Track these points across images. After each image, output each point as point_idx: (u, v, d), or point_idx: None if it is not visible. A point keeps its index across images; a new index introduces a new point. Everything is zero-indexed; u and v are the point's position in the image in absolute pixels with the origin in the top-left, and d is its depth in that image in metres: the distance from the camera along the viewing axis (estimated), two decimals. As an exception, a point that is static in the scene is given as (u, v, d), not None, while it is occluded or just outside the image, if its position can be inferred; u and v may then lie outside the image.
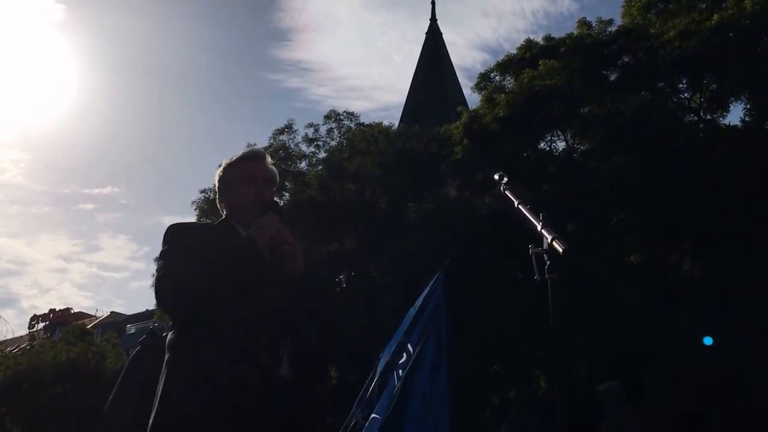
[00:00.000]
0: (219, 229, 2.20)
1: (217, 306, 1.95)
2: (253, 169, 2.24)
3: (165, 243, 2.12)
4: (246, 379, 1.91)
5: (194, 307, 1.97)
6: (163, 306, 2.10)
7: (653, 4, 15.30)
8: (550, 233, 1.81)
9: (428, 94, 34.71)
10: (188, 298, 1.96)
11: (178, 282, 1.99)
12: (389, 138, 18.14)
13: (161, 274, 2.05)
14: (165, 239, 2.13)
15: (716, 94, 14.19)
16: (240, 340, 1.94)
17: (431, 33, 40.32)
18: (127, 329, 40.98)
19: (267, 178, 2.25)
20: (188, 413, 1.89)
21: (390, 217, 16.16)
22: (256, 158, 2.28)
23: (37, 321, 45.20)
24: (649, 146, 12.85)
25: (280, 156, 19.13)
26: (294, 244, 2.07)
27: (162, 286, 2.04)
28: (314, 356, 2.09)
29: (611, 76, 15.27)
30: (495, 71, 16.63)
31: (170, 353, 2.07)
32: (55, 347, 26.37)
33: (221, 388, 1.89)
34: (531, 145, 15.46)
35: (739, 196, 11.91)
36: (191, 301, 1.96)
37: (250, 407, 1.90)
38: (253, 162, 2.26)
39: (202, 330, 1.96)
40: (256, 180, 2.22)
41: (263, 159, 2.29)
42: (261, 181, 2.22)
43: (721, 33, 12.81)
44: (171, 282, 2.01)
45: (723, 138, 13.80)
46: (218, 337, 1.94)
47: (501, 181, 2.25)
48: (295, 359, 2.00)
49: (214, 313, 1.95)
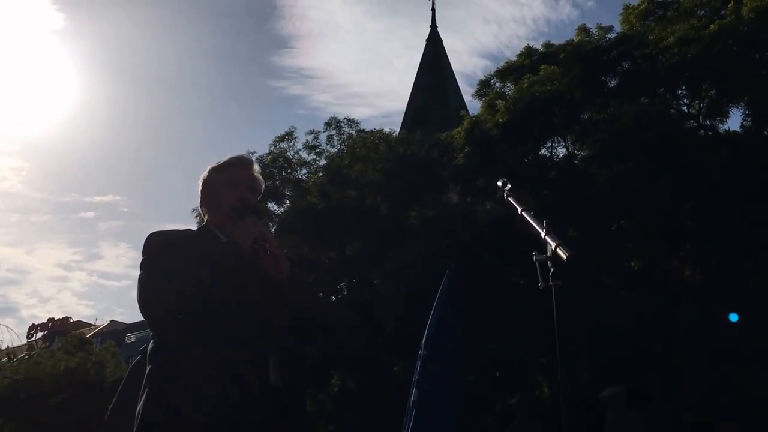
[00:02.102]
0: (200, 235, 2.18)
1: (202, 312, 1.91)
2: (237, 176, 2.23)
3: (146, 252, 2.08)
4: (235, 388, 1.89)
5: (179, 314, 1.93)
6: (148, 315, 2.02)
7: (652, 11, 15.36)
8: (554, 240, 1.80)
9: (429, 101, 34.79)
10: (172, 305, 1.93)
11: (161, 290, 1.96)
12: (390, 144, 18.17)
13: (144, 284, 2.01)
14: (146, 248, 2.09)
15: (715, 101, 14.22)
16: (228, 347, 1.92)
17: (431, 39, 40.46)
18: (126, 338, 40.86)
19: (251, 185, 2.23)
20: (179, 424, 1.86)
21: (391, 224, 16.18)
22: (240, 164, 2.26)
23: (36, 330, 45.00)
24: (649, 152, 12.86)
25: (281, 164, 19.16)
26: (276, 246, 2.04)
27: (146, 295, 2.00)
28: (300, 364, 2.06)
29: (611, 82, 15.32)
30: (495, 78, 16.70)
31: (153, 364, 2.02)
32: (54, 357, 26.28)
33: (211, 396, 1.86)
34: (532, 151, 15.48)
35: (739, 201, 11.91)
36: (176, 308, 1.92)
37: (241, 416, 1.89)
38: (237, 168, 2.25)
39: (188, 338, 1.93)
40: (240, 186, 2.20)
41: (249, 166, 2.28)
42: (244, 188, 2.21)
43: (720, 40, 12.85)
44: (154, 291, 1.98)
45: (722, 144, 13.82)
46: (205, 344, 1.91)
47: (504, 187, 2.25)
48: (282, 367, 1.98)
49: (200, 320, 1.92)
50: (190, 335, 1.93)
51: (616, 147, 13.47)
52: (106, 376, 24.54)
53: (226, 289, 1.92)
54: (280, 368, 1.97)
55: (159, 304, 1.98)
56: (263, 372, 1.94)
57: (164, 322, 2.02)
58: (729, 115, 14.33)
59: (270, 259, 2.02)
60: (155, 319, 2.04)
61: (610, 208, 13.28)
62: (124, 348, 33.52)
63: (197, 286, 1.90)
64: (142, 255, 2.08)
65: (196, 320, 1.92)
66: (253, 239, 2.00)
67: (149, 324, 2.09)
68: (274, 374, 1.95)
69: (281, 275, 2.03)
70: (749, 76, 12.86)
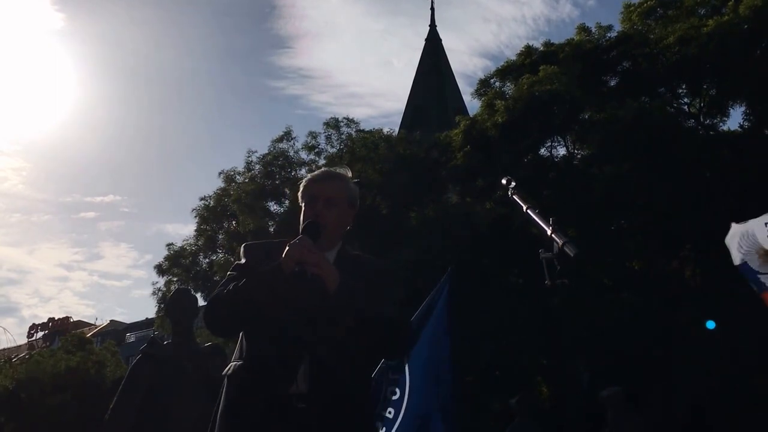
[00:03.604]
0: (280, 247, 2.20)
1: (251, 324, 2.12)
2: (313, 190, 2.28)
3: (235, 261, 2.34)
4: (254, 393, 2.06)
5: (235, 327, 2.21)
6: (210, 328, 2.22)
7: (652, 10, 15.34)
8: (560, 238, 1.78)
9: (428, 100, 34.79)
10: (232, 320, 2.16)
11: (224, 305, 2.13)
12: (389, 144, 18.14)
13: (215, 296, 2.18)
14: (237, 257, 2.37)
15: (716, 100, 14.22)
16: (252, 355, 2.13)
17: (430, 39, 40.44)
18: (126, 338, 40.88)
19: (329, 198, 2.25)
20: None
21: (391, 224, 16.14)
22: (317, 179, 2.32)
23: (36, 330, 44.97)
24: (649, 152, 12.85)
25: (280, 163, 19.12)
26: (319, 265, 2.05)
27: (212, 307, 2.18)
28: (330, 375, 2.07)
29: (611, 81, 15.30)
30: (495, 77, 16.67)
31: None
32: (55, 356, 26.21)
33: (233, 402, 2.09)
34: (531, 151, 15.46)
35: (740, 201, 11.89)
36: (234, 321, 2.17)
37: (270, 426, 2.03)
38: (314, 183, 2.31)
39: (238, 345, 2.21)
40: (317, 201, 2.25)
41: (325, 179, 2.31)
42: (322, 202, 2.24)
43: (720, 38, 12.84)
44: (219, 305, 2.15)
45: (723, 143, 13.82)
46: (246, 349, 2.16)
47: (509, 185, 2.23)
48: (312, 377, 2.05)
49: (248, 330, 2.17)
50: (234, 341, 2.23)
51: (615, 147, 13.46)
52: (106, 375, 24.56)
53: (261, 304, 2.05)
54: (314, 380, 2.04)
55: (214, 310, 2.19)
56: (287, 381, 2.03)
57: (220, 328, 2.29)
58: (729, 114, 14.35)
59: (314, 277, 2.05)
60: (210, 325, 2.22)
61: (610, 208, 13.27)
62: (124, 347, 33.55)
63: (238, 300, 2.08)
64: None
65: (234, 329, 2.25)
66: (294, 262, 2.01)
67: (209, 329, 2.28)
68: (302, 381, 2.03)
69: (330, 288, 2.05)
70: (749, 74, 12.85)
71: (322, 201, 2.24)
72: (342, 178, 2.33)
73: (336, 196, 2.27)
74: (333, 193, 2.27)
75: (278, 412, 2.00)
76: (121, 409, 4.30)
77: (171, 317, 4.72)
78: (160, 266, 19.93)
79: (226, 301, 2.11)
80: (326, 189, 2.27)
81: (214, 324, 2.19)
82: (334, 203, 2.25)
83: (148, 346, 4.59)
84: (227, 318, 2.14)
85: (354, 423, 2.10)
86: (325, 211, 2.23)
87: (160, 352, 4.50)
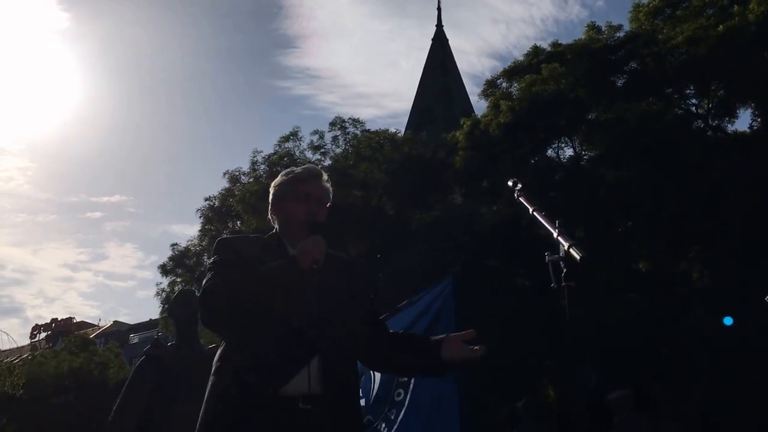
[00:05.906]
0: (269, 244, 2.27)
1: (254, 319, 2.04)
2: (307, 189, 2.30)
3: (215, 254, 2.24)
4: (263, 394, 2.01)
5: (236, 319, 2.08)
6: (208, 318, 2.17)
7: (661, 10, 15.23)
8: (567, 240, 1.76)
9: (434, 101, 34.73)
10: (232, 310, 2.06)
11: (223, 294, 2.07)
12: (395, 145, 18.12)
13: (209, 287, 2.12)
14: (215, 251, 2.24)
15: (724, 100, 14.12)
16: (269, 353, 2.04)
17: (437, 39, 40.39)
18: (130, 339, 40.88)
19: (319, 197, 2.30)
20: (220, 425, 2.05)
21: (396, 224, 16.12)
22: (310, 177, 2.33)
23: (39, 330, 44.98)
24: (657, 153, 12.78)
25: (286, 163, 19.12)
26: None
27: (209, 298, 2.11)
28: (335, 375, 2.08)
29: (619, 81, 15.21)
30: (502, 78, 16.62)
31: (214, 367, 2.19)
32: (58, 357, 26.20)
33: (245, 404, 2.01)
34: (537, 152, 15.39)
35: (748, 202, 11.81)
36: (235, 313, 2.06)
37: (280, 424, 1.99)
38: (307, 181, 2.32)
39: (237, 342, 2.11)
40: (309, 199, 2.27)
41: (318, 178, 2.34)
42: (313, 201, 2.27)
43: (729, 39, 12.75)
44: (218, 295, 2.08)
45: (731, 144, 13.72)
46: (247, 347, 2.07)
47: (515, 187, 2.22)
48: (323, 378, 2.05)
49: (250, 326, 2.06)
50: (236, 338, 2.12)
51: (623, 148, 13.39)
52: (110, 376, 24.53)
53: (280, 300, 2.03)
54: (320, 380, 2.03)
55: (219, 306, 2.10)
56: (301, 380, 2.01)
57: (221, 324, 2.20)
58: (737, 115, 14.25)
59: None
60: (215, 322, 2.18)
61: (617, 209, 13.20)
62: (128, 348, 33.55)
63: (254, 293, 2.03)
64: (210, 257, 2.26)
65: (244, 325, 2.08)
66: (312, 260, 2.03)
67: (208, 326, 2.25)
68: (314, 380, 2.01)
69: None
70: (758, 75, 12.77)
71: (313, 199, 2.29)
72: (325, 176, 2.39)
73: (327, 195, 2.34)
74: (324, 192, 2.34)
75: (284, 413, 1.99)
76: (124, 411, 4.29)
77: (175, 318, 4.70)
78: (164, 267, 19.98)
79: (226, 293, 2.06)
80: (319, 188, 2.33)
81: (210, 314, 2.13)
82: (323, 203, 2.32)
83: (151, 347, 4.58)
84: (227, 310, 2.08)
85: (354, 423, 2.16)
86: (322, 210, 2.29)
87: (164, 354, 4.48)
